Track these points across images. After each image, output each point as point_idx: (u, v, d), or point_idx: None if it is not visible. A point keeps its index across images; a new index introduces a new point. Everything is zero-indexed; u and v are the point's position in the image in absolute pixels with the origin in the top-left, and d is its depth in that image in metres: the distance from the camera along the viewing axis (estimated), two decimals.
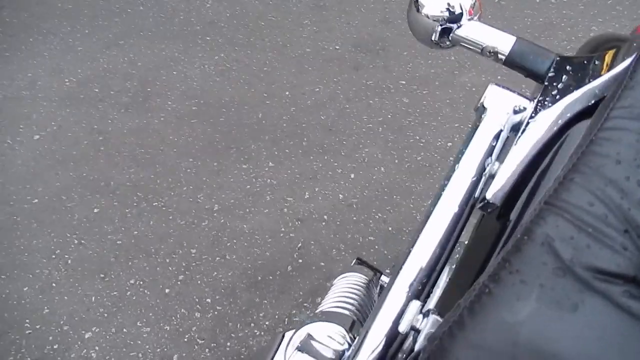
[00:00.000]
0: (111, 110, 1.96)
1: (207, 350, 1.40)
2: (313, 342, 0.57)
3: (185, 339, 1.42)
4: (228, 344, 1.41)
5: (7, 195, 1.71)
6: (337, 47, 2.08)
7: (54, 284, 1.52)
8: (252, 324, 1.44)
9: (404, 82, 1.94)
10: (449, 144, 1.74)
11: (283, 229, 1.61)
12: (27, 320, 1.45)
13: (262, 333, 1.43)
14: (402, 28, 2.10)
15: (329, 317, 0.65)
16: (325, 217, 1.63)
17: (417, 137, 1.78)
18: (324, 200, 1.66)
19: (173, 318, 1.45)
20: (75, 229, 1.64)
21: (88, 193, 1.72)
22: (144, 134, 1.88)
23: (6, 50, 2.12)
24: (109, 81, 2.06)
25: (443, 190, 0.58)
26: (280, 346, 0.87)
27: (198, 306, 1.47)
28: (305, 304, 1.47)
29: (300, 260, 1.55)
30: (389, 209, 1.62)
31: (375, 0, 2.25)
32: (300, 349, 0.58)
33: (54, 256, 1.57)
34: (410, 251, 0.57)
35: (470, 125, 0.60)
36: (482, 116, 0.60)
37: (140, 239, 1.61)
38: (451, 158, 1.70)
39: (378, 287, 0.94)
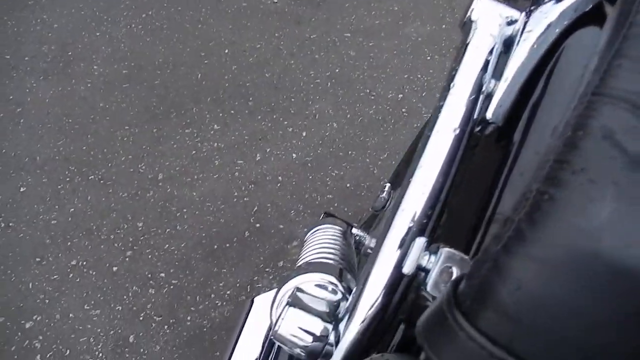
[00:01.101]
0: (28, 78, 1.75)
1: (165, 327, 1.31)
2: (303, 295, 0.50)
3: (141, 318, 1.32)
4: (188, 318, 1.32)
5: None
6: (276, 1, 1.96)
7: None
8: (212, 295, 1.36)
9: (348, 35, 1.87)
10: (400, 95, 1.71)
11: (236, 194, 1.52)
12: None
13: (224, 303, 1.35)
14: None
15: (315, 267, 0.59)
16: (280, 178, 1.55)
17: (368, 91, 1.73)
18: (277, 160, 1.59)
19: (124, 297, 1.34)
20: (0, 211, 1.46)
21: (11, 170, 1.54)
22: (70, 102, 1.70)
23: None
24: (21, 46, 1.83)
25: (439, 112, 0.52)
26: (251, 311, 0.80)
27: (151, 282, 1.37)
28: (267, 270, 1.40)
29: (258, 225, 1.47)
30: (345, 165, 1.57)
31: None
32: (291, 304, 0.51)
33: None
34: (409, 182, 0.51)
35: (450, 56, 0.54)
36: (472, 31, 0.55)
37: (78, 217, 1.46)
38: (404, 109, 1.67)
39: (353, 239, 0.90)
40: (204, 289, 1.37)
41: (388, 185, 0.86)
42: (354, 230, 0.97)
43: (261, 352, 0.68)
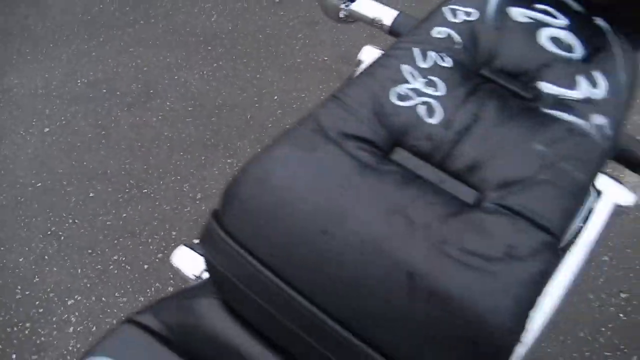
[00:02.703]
0: (115, 109, 2.14)
1: None
2: None
3: None
4: None
5: (15, 178, 1.89)
6: (326, 59, 2.23)
7: (46, 257, 1.67)
8: None
9: None
10: None
11: None
12: (19, 287, 1.60)
13: None
14: (387, 43, 2.23)
15: None
16: None
17: None
18: None
19: (148, 291, 1.58)
20: (71, 210, 1.79)
21: (86, 179, 1.89)
22: (143, 130, 2.05)
23: (29, 53, 2.35)
24: (116, 83, 2.25)
25: None
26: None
27: (171, 282, 1.60)
28: None
29: None
30: None
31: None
32: (185, 244, 0.74)
33: (49, 232, 1.73)
34: None
35: None
36: (357, 67, 0.76)
37: (128, 221, 1.76)
38: None
39: None
40: None
41: None
42: None
43: None
